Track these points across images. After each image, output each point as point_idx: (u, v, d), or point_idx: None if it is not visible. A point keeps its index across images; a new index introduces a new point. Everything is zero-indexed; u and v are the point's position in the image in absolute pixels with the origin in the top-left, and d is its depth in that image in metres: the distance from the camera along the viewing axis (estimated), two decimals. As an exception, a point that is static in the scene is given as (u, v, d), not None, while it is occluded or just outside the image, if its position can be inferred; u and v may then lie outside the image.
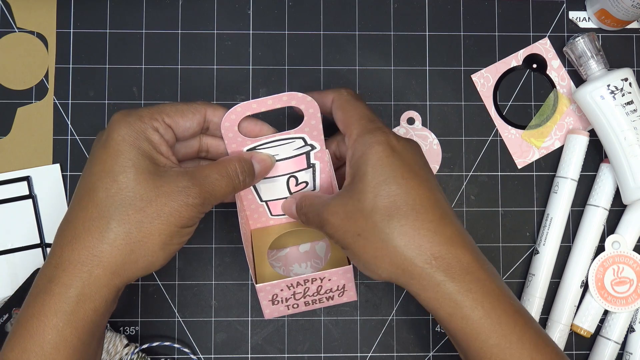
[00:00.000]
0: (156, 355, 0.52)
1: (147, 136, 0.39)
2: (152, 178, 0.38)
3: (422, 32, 0.55)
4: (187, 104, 0.42)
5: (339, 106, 0.43)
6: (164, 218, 0.38)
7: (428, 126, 0.54)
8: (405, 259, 0.38)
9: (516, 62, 0.55)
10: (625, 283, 0.52)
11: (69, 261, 0.37)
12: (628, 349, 0.53)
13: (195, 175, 0.40)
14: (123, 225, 0.38)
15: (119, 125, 0.39)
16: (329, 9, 0.55)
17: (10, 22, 0.54)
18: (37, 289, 0.38)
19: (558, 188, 0.53)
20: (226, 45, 0.54)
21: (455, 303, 0.38)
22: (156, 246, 0.38)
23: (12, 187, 0.53)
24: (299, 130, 0.42)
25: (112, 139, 0.39)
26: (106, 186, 0.38)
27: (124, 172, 0.38)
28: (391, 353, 0.53)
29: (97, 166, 0.39)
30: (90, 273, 0.37)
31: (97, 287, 0.38)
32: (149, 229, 0.38)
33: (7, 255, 0.52)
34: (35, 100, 0.53)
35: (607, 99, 0.50)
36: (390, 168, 0.39)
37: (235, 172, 0.42)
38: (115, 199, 0.38)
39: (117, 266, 0.38)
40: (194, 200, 0.39)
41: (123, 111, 0.40)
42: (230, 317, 0.53)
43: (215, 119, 0.43)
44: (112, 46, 0.54)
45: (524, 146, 0.54)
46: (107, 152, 0.39)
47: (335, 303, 0.48)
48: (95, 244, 0.37)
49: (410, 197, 0.39)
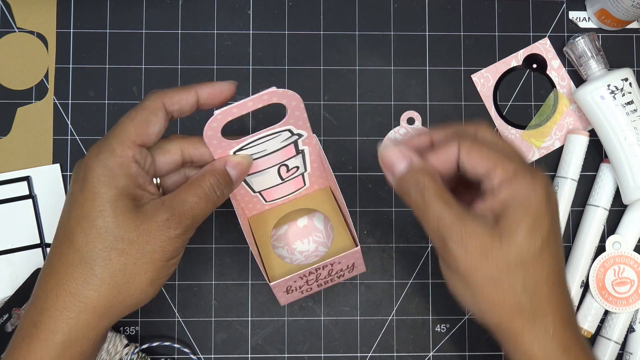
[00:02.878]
0: (156, 355, 0.52)
1: (124, 171, 0.38)
2: (131, 217, 0.37)
3: (422, 32, 0.55)
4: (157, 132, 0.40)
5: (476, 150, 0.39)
6: (148, 257, 0.37)
7: (428, 126, 0.54)
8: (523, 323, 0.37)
9: (516, 62, 0.55)
10: (626, 283, 0.52)
11: (54, 307, 0.37)
12: (628, 349, 0.53)
13: (173, 204, 0.38)
14: (107, 269, 0.37)
15: (92, 164, 0.38)
16: (329, 9, 0.55)
17: (10, 22, 0.54)
18: (23, 332, 0.37)
19: (558, 188, 0.53)
20: (226, 45, 0.54)
21: None
22: (144, 284, 0.38)
23: (12, 187, 0.53)
24: (284, 124, 0.42)
25: (88, 182, 0.37)
26: (85, 231, 0.37)
27: (101, 216, 0.37)
28: (391, 353, 0.53)
29: (75, 210, 0.37)
30: (77, 319, 0.37)
31: (84, 331, 0.37)
32: (134, 270, 0.37)
33: (7, 255, 0.52)
34: (35, 100, 0.53)
35: (607, 99, 0.50)
36: (547, 223, 0.37)
37: (212, 188, 0.40)
38: (95, 243, 0.37)
39: (105, 309, 0.37)
40: (175, 232, 0.38)
41: (94, 148, 0.38)
42: (230, 317, 0.53)
43: (194, 152, 0.42)
44: (112, 46, 0.54)
45: (524, 146, 0.54)
46: (83, 195, 0.37)
47: (345, 279, 0.49)
48: (80, 290, 0.37)
49: (556, 269, 0.37)
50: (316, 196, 0.50)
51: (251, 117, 0.54)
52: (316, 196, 0.50)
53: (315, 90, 0.54)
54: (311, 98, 0.54)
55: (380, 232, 0.53)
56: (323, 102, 0.54)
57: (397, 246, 0.53)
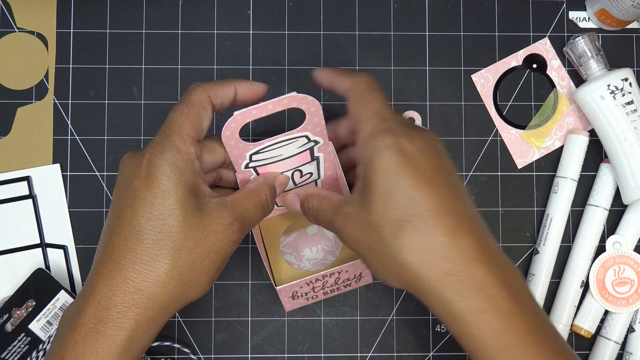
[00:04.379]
0: (156, 355, 0.52)
1: (190, 168, 0.38)
2: (200, 217, 0.38)
3: (422, 32, 0.55)
4: (203, 107, 0.40)
5: (353, 98, 0.41)
6: (212, 256, 0.39)
7: (428, 126, 0.54)
8: (414, 276, 0.36)
9: (516, 62, 0.55)
10: (626, 284, 0.52)
11: (122, 304, 0.37)
12: (628, 349, 0.53)
13: (236, 209, 0.40)
14: (176, 268, 0.37)
15: (159, 162, 0.38)
16: (329, 9, 0.55)
17: (10, 22, 0.54)
18: (85, 328, 0.37)
19: (558, 188, 0.53)
20: (226, 45, 0.54)
21: (463, 323, 0.36)
22: (205, 282, 0.39)
23: (12, 187, 0.53)
24: (301, 130, 0.42)
25: (156, 179, 0.37)
26: (155, 229, 0.37)
27: (172, 215, 0.37)
28: (391, 353, 0.53)
29: (143, 208, 0.37)
30: (143, 315, 0.37)
31: (148, 326, 0.38)
32: (200, 268, 0.38)
33: (7, 255, 0.52)
34: (35, 100, 0.53)
35: (607, 99, 0.50)
36: (400, 177, 0.37)
37: (267, 200, 0.42)
38: (167, 242, 0.37)
39: (169, 305, 0.38)
40: (237, 236, 0.40)
41: (156, 146, 0.38)
42: (230, 317, 0.53)
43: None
44: (112, 46, 0.54)
45: (524, 146, 0.54)
46: (152, 193, 0.37)
47: (352, 289, 0.49)
48: (149, 287, 0.37)
49: (420, 208, 0.36)
50: None
51: (251, 117, 0.54)
52: None
53: (315, 91, 0.54)
54: (311, 98, 0.54)
55: (380, 232, 0.53)
56: (323, 102, 0.54)
57: (397, 246, 0.53)
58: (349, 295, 0.53)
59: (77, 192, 0.53)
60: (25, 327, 0.49)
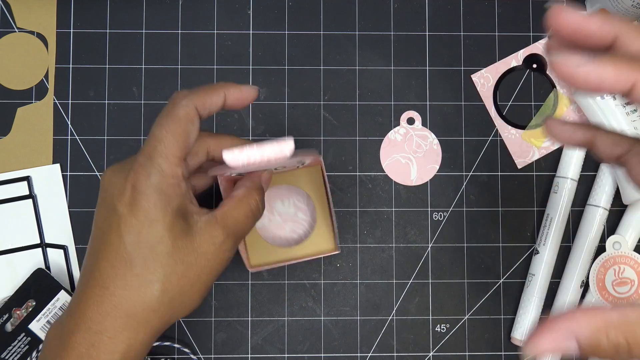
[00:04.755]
0: (156, 355, 0.52)
1: (177, 192, 0.37)
2: (189, 240, 0.37)
3: (422, 32, 0.55)
4: (186, 132, 0.38)
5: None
6: (203, 278, 0.38)
7: (428, 126, 0.54)
8: None
9: (516, 62, 0.55)
10: (626, 284, 0.52)
11: (113, 329, 0.37)
12: (628, 349, 0.52)
13: (227, 224, 0.39)
14: (166, 293, 0.37)
15: (144, 189, 0.36)
16: (329, 9, 0.55)
17: (10, 22, 0.54)
18: (77, 352, 0.37)
19: (558, 188, 0.53)
20: (226, 45, 0.54)
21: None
22: (195, 302, 0.39)
23: (12, 187, 0.53)
24: (294, 156, 0.41)
25: (142, 207, 0.36)
26: (144, 256, 0.36)
27: (161, 242, 0.36)
28: (391, 353, 0.53)
29: (130, 235, 0.36)
30: (135, 339, 0.37)
31: (140, 349, 0.38)
32: (190, 291, 0.38)
33: (7, 255, 0.52)
34: (35, 100, 0.53)
35: (607, 99, 0.50)
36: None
37: (257, 206, 0.41)
38: (156, 268, 0.37)
39: (160, 327, 0.38)
40: (229, 254, 0.39)
41: (140, 168, 0.37)
42: (230, 317, 0.53)
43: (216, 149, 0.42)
44: (112, 46, 0.54)
45: (524, 146, 0.54)
46: (138, 220, 0.36)
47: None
48: (139, 312, 0.37)
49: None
50: (305, 173, 0.50)
51: (251, 118, 0.54)
52: (305, 173, 0.50)
53: (315, 90, 0.54)
54: (311, 98, 0.54)
55: (380, 232, 0.53)
56: (323, 102, 0.54)
57: (397, 246, 0.53)
58: (349, 295, 0.53)
59: (77, 192, 0.53)
60: (25, 327, 0.49)
